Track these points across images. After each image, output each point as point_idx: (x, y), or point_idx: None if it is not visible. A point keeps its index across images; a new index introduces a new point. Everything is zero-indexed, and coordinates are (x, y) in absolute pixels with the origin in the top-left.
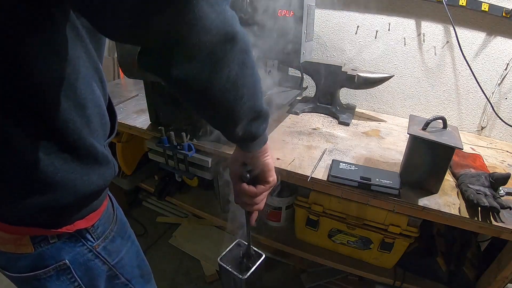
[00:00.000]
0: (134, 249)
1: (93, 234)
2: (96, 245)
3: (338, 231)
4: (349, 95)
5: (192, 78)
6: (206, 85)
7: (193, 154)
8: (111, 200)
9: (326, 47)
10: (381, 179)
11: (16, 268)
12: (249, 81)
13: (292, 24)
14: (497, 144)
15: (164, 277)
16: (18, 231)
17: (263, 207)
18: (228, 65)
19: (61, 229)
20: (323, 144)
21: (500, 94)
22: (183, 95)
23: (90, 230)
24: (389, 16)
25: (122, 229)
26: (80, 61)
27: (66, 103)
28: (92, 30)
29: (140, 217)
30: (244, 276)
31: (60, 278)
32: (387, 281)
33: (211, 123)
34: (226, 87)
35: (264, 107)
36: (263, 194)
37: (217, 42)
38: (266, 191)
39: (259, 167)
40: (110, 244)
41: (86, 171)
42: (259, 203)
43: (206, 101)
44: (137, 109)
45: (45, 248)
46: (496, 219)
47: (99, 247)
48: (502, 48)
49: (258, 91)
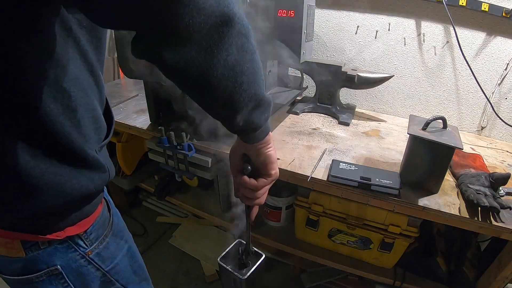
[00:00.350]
0: (130, 254)
1: (85, 241)
2: (89, 251)
3: (338, 231)
4: (349, 95)
5: (187, 63)
6: (202, 70)
7: (193, 154)
8: (108, 204)
9: (326, 47)
10: (381, 179)
11: (9, 271)
12: (249, 67)
13: (292, 24)
14: (497, 144)
15: (164, 277)
16: (9, 235)
17: (264, 201)
18: (225, 49)
19: (50, 235)
20: (323, 144)
21: (500, 94)
22: (179, 82)
23: (83, 236)
24: (389, 16)
25: (118, 234)
26: (72, 63)
27: (53, 104)
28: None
29: (140, 217)
30: (244, 276)
31: (52, 283)
32: (387, 281)
33: (210, 112)
34: (224, 74)
35: (266, 95)
36: (265, 188)
37: (212, 24)
38: (268, 184)
39: (261, 159)
40: (104, 250)
41: (74, 174)
42: (260, 197)
43: (203, 88)
44: (137, 109)
45: (36, 253)
46: (496, 219)
47: (92, 253)
48: (502, 48)
49: (259, 78)
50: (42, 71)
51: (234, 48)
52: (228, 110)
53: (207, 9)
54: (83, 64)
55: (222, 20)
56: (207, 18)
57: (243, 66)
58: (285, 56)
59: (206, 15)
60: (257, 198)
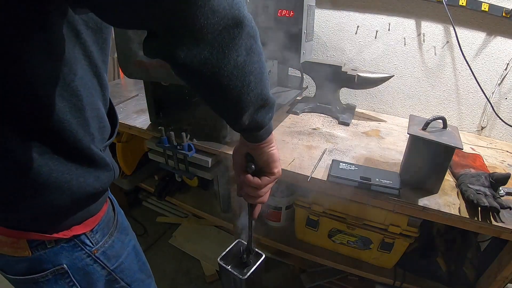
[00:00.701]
0: (135, 253)
1: (91, 239)
2: (95, 250)
3: (338, 231)
4: (349, 95)
5: (200, 62)
6: (214, 70)
7: (193, 154)
8: (112, 203)
9: (326, 47)
10: (381, 179)
11: (14, 270)
12: (256, 67)
13: (292, 24)
14: (497, 144)
15: (164, 277)
16: (15, 235)
17: (267, 199)
18: (236, 50)
19: (57, 234)
20: (323, 144)
21: (500, 94)
22: (190, 81)
23: (89, 235)
24: (389, 16)
25: (123, 233)
26: (78, 63)
27: (61, 103)
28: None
29: (140, 217)
30: (244, 276)
31: (58, 282)
32: (387, 281)
33: (217, 110)
34: (234, 73)
35: (271, 95)
36: (268, 186)
37: (225, 26)
38: (271, 183)
39: (264, 158)
40: (109, 249)
41: (81, 172)
42: (263, 196)
43: (213, 87)
44: (137, 109)
45: (42, 252)
46: (496, 219)
47: (98, 252)
48: (502, 48)
49: (265, 78)
50: (50, 70)
51: (243, 49)
52: (235, 109)
53: (220, 11)
54: (88, 64)
55: (233, 22)
56: (220, 20)
57: (251, 67)
58: (285, 56)
59: (220, 17)
60: (260, 196)
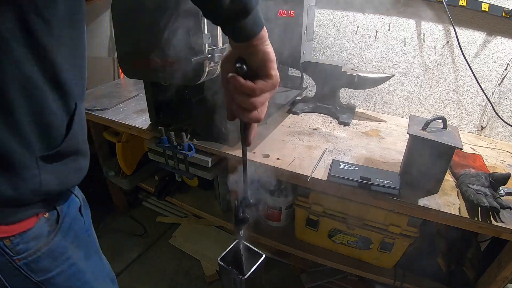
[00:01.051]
0: (72, 272)
1: (10, 249)
2: (17, 259)
3: (338, 231)
4: (349, 95)
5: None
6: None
7: (193, 154)
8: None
9: (326, 47)
10: (381, 179)
11: None
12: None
13: (292, 24)
14: (497, 144)
15: (164, 277)
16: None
17: (263, 116)
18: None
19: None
20: (323, 144)
21: (500, 94)
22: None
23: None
24: (389, 16)
25: (56, 251)
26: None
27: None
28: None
29: (140, 217)
30: (244, 276)
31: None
32: (387, 281)
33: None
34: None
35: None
36: (264, 95)
37: None
38: (267, 89)
39: (259, 57)
40: (33, 263)
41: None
42: (259, 107)
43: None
44: (137, 109)
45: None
46: (496, 219)
47: (20, 261)
48: (502, 48)
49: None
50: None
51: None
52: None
53: None
54: (35, 63)
55: None
56: None
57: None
58: (285, 56)
59: None
60: (255, 107)
